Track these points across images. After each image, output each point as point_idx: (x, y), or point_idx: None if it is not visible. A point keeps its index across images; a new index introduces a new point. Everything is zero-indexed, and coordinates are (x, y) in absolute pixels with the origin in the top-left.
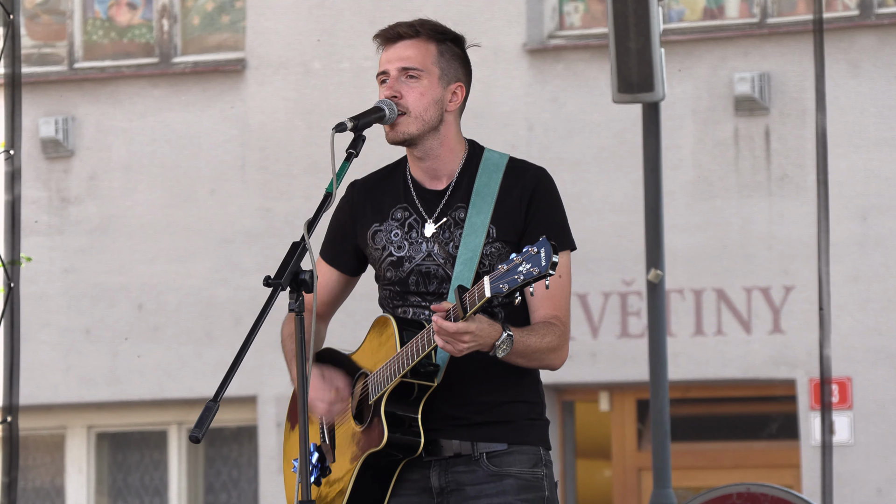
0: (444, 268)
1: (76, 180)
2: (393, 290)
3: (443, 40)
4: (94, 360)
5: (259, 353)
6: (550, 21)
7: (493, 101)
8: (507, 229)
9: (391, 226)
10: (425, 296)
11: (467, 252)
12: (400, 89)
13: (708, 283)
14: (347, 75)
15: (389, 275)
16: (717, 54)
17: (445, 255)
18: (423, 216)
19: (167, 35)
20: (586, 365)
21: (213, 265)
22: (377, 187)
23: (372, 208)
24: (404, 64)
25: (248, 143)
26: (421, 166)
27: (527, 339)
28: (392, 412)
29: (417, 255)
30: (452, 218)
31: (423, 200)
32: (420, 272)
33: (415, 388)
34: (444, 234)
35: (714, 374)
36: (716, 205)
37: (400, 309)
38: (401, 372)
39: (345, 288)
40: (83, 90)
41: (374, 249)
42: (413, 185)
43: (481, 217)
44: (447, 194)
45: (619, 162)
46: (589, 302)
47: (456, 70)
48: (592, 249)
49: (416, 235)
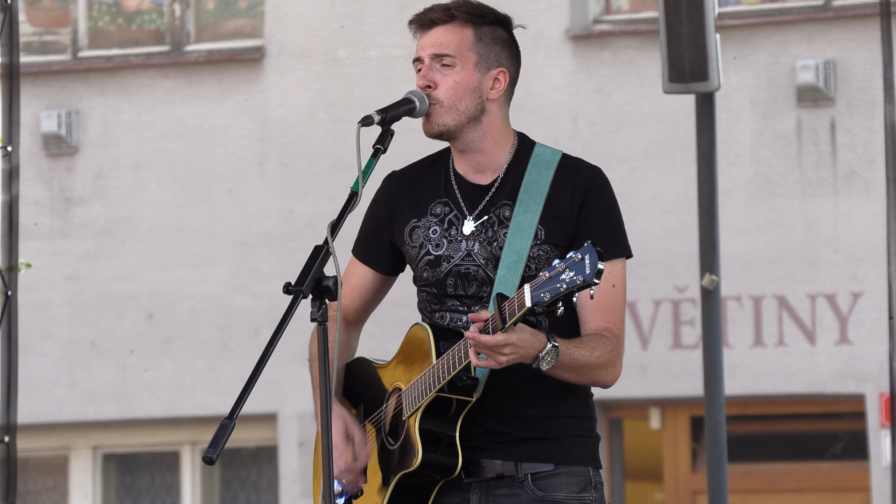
0: (486, 269)
1: (80, 179)
2: (430, 293)
3: (481, 23)
4: (101, 374)
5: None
6: (596, 4)
7: (533, 91)
8: (557, 231)
9: (430, 221)
10: (463, 299)
11: (512, 254)
12: (433, 78)
13: (768, 290)
14: (375, 64)
15: (426, 275)
16: (778, 40)
17: (487, 255)
18: (464, 212)
19: (179, 21)
20: (635, 379)
21: (230, 271)
22: (416, 179)
23: (410, 202)
24: (436, 50)
25: (268, 138)
26: (464, 159)
27: (574, 351)
28: (427, 429)
29: (456, 255)
30: (496, 216)
31: (465, 195)
32: (458, 273)
33: (452, 404)
34: (487, 233)
35: (775, 388)
36: (777, 204)
37: (437, 314)
38: (436, 386)
39: (380, 289)
40: (88, 81)
41: (410, 247)
42: (455, 179)
43: (529, 217)
44: (492, 190)
45: (671, 158)
46: (638, 310)
47: (497, 54)
48: (642, 253)
49: (455, 233)
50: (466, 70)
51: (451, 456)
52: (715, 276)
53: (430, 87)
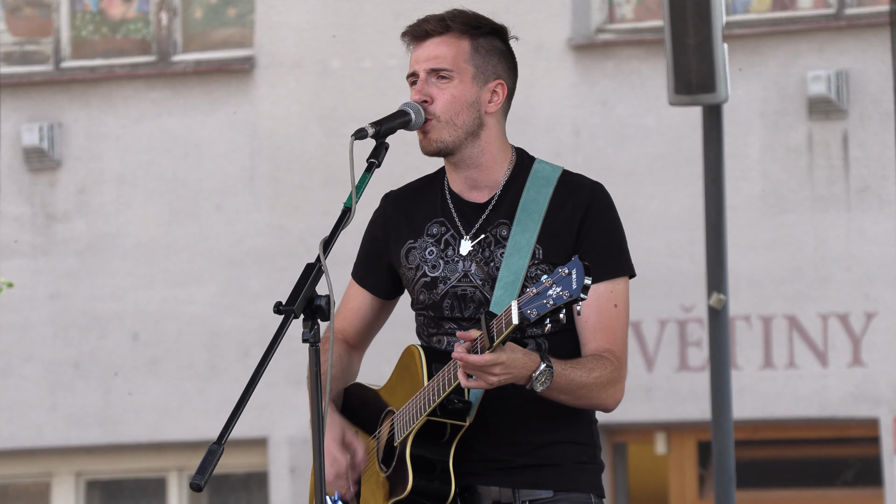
0: (482, 290)
1: (63, 194)
2: (427, 316)
3: (478, 34)
4: (84, 397)
5: (270, 389)
6: (599, 13)
7: (533, 103)
8: (556, 250)
9: (426, 242)
10: (460, 322)
11: (509, 275)
12: (429, 92)
13: (778, 310)
14: (369, 75)
15: (423, 298)
16: (788, 50)
17: (484, 275)
18: (461, 232)
19: (166, 30)
20: (640, 402)
21: (219, 290)
22: (413, 199)
23: (406, 223)
24: (433, 64)
25: (258, 151)
26: (460, 176)
27: (570, 372)
28: (419, 455)
29: (453, 276)
30: (493, 235)
31: (461, 214)
32: (455, 295)
33: (446, 428)
34: (484, 253)
35: (785, 412)
36: (787, 220)
37: (435, 338)
38: (427, 409)
39: (380, 313)
40: (71, 93)
41: (407, 269)
42: (451, 197)
43: (526, 236)
44: (489, 208)
45: (677, 172)
46: (643, 331)
47: (495, 66)
48: (647, 272)
49: (452, 253)
50: (464, 83)
51: (444, 483)
52: (723, 296)
53: (427, 101)
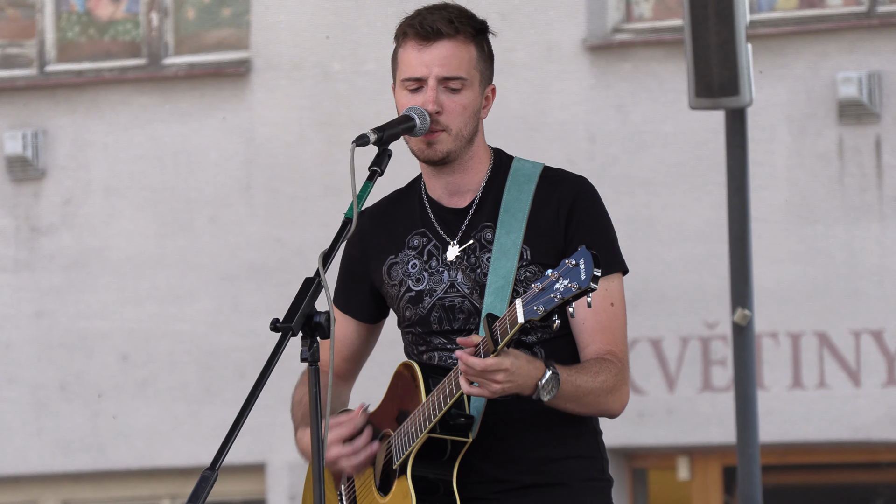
0: (471, 299)
1: (48, 206)
2: (414, 333)
3: (481, 37)
4: (71, 421)
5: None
6: (615, 12)
7: (546, 107)
8: (544, 250)
9: (407, 256)
10: (450, 335)
11: (498, 279)
12: (442, 102)
13: (807, 326)
14: (372, 79)
15: (409, 314)
16: (817, 50)
17: (472, 283)
18: (443, 240)
19: (157, 32)
20: (661, 424)
21: (212, 306)
22: (389, 213)
23: (386, 238)
24: (447, 72)
25: (254, 160)
26: (440, 182)
27: (576, 378)
28: (421, 475)
29: (439, 287)
30: (478, 240)
31: (442, 222)
32: (443, 307)
33: (447, 446)
34: (469, 260)
35: (815, 435)
36: (816, 231)
37: (425, 355)
38: (427, 425)
39: (366, 340)
40: (56, 98)
41: (390, 286)
42: (430, 206)
43: (512, 237)
44: (471, 212)
45: (698, 181)
46: (664, 349)
47: (489, 69)
48: (667, 286)
49: (436, 264)
50: (473, 91)
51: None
52: (748, 311)
53: (439, 111)
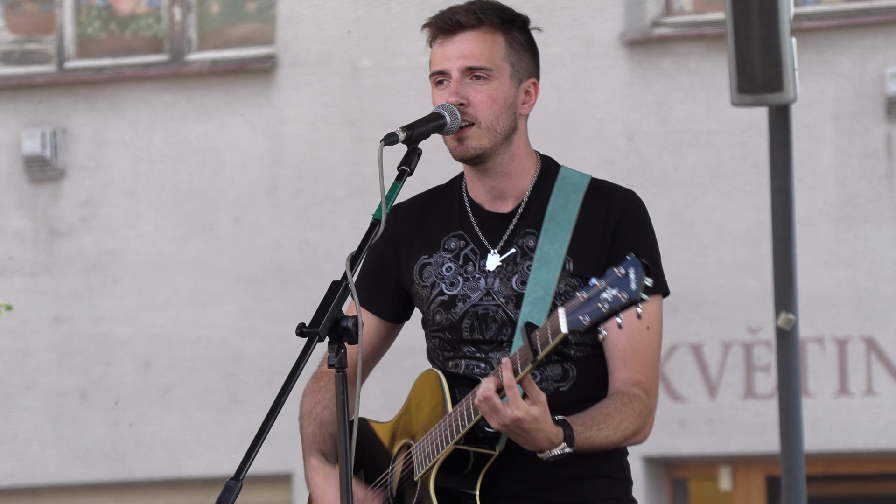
0: (506, 308)
1: (67, 207)
2: (443, 339)
3: (512, 28)
4: (91, 430)
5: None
6: (654, 5)
7: (583, 105)
8: (587, 263)
9: (442, 258)
10: (480, 345)
11: (537, 289)
12: (466, 94)
13: (854, 331)
14: (402, 75)
15: (439, 318)
16: (865, 45)
17: (508, 292)
18: (483, 246)
19: (179, 27)
20: (703, 433)
21: (238, 311)
22: (426, 211)
23: (419, 237)
24: (469, 62)
25: (280, 159)
26: (484, 185)
27: (595, 435)
28: (444, 487)
29: (474, 294)
30: (520, 247)
31: (483, 227)
32: (476, 315)
33: (470, 458)
34: (508, 268)
35: (863, 444)
36: (864, 232)
37: (451, 362)
38: (454, 437)
39: (385, 339)
40: (76, 95)
41: (420, 287)
42: (472, 208)
43: (555, 247)
44: (515, 218)
45: (741, 180)
46: (705, 355)
47: (527, 63)
48: (709, 290)
49: (472, 269)
50: (502, 83)
51: None
52: (792, 316)
53: (463, 104)
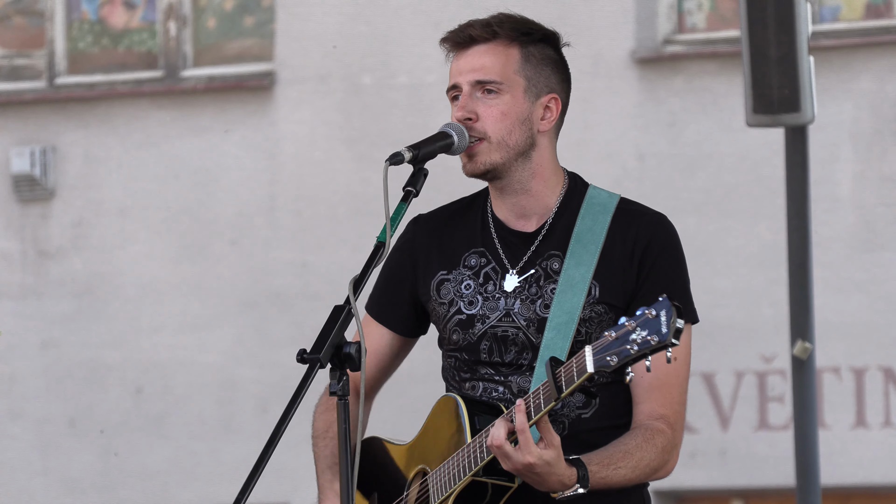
0: (527, 332)
1: (57, 228)
2: (459, 359)
3: (528, 42)
4: (81, 459)
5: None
6: (667, 22)
7: (592, 124)
8: (614, 289)
9: (462, 275)
10: (499, 367)
11: (562, 314)
12: (475, 108)
13: (872, 360)
14: (405, 92)
15: (456, 338)
16: (884, 64)
17: (530, 315)
18: (504, 265)
19: (175, 42)
20: (715, 465)
21: (234, 336)
22: (448, 225)
23: (439, 251)
24: (479, 76)
25: (279, 179)
26: (506, 202)
27: (612, 474)
28: None
29: (493, 315)
30: (543, 269)
31: (506, 245)
32: (495, 336)
33: (489, 490)
34: (531, 290)
35: (882, 478)
36: (882, 259)
37: (467, 384)
38: (473, 468)
39: (398, 354)
40: (67, 113)
41: (438, 304)
42: (495, 225)
43: (581, 270)
44: (539, 238)
45: (756, 204)
46: (717, 384)
47: (548, 78)
48: (722, 317)
49: (492, 289)
50: (515, 98)
51: None
52: (808, 344)
53: (472, 119)
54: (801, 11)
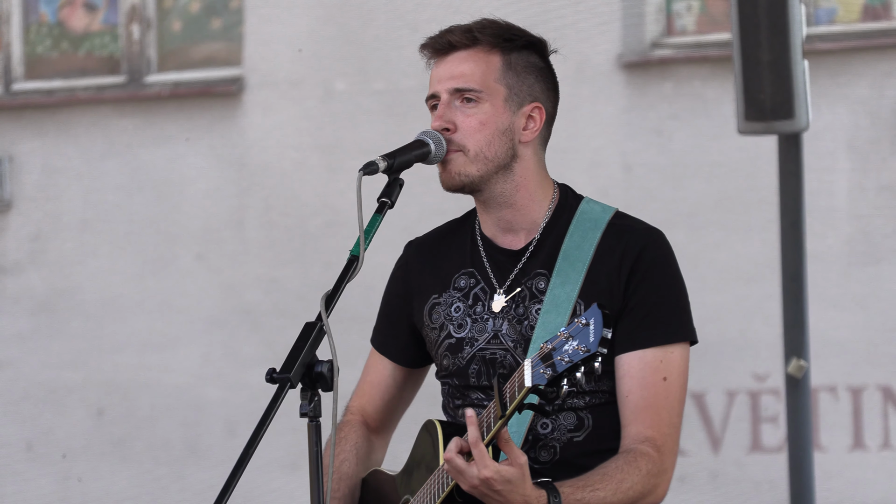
0: (514, 353)
1: (14, 242)
2: (451, 385)
3: (511, 48)
4: (38, 484)
5: (260, 473)
6: (655, 25)
7: (576, 132)
8: None
9: (452, 297)
10: (488, 391)
11: (545, 334)
12: (453, 118)
13: (870, 379)
14: (380, 99)
15: (447, 363)
16: (883, 69)
17: (517, 336)
18: (492, 284)
19: (138, 46)
20: (706, 489)
21: (202, 355)
22: (439, 247)
23: (432, 275)
24: (457, 84)
25: (248, 190)
26: (491, 217)
27: (589, 497)
28: None
29: (481, 337)
30: (528, 288)
31: (494, 264)
32: (483, 359)
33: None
34: (517, 310)
35: (879, 501)
36: (880, 272)
37: (460, 410)
38: (441, 493)
39: (404, 386)
40: (24, 120)
41: (430, 329)
42: (483, 243)
43: (567, 289)
44: (525, 256)
45: (748, 215)
46: (708, 404)
47: (531, 86)
48: (712, 333)
49: (481, 310)
50: (494, 107)
51: None
52: (804, 362)
53: (449, 129)
54: (795, 13)
